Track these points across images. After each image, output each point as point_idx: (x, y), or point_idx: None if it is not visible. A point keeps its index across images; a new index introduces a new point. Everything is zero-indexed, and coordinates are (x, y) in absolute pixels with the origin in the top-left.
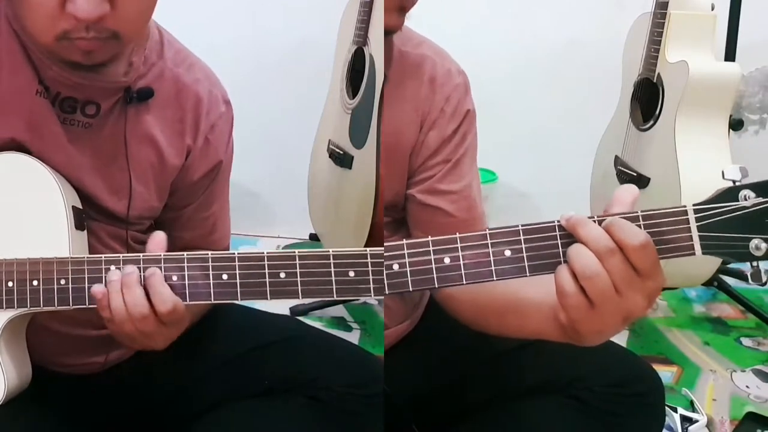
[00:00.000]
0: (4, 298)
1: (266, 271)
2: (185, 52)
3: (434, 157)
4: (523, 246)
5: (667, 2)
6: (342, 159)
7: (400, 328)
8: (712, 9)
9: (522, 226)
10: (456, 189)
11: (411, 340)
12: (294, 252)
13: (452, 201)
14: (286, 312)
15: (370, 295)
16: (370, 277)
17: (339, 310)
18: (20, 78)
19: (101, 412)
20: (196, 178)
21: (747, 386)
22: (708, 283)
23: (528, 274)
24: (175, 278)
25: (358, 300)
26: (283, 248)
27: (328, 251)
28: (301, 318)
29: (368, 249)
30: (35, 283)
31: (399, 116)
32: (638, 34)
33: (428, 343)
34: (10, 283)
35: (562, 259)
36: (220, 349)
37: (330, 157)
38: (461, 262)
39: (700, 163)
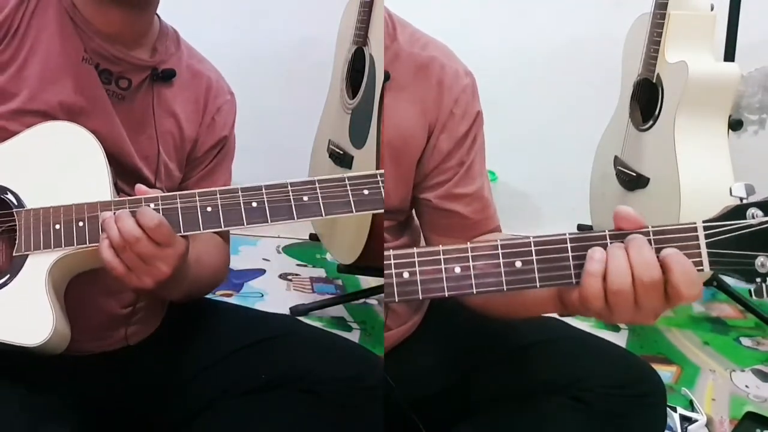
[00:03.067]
0: (52, 238)
1: (291, 195)
2: (195, 50)
3: (448, 160)
4: (534, 258)
5: (667, 2)
6: (342, 159)
7: (402, 329)
8: (712, 9)
9: (533, 238)
10: (470, 191)
11: (414, 341)
12: (314, 178)
13: (467, 203)
14: (286, 312)
15: (382, 209)
16: (382, 193)
17: (339, 310)
18: (69, 46)
19: (97, 403)
20: (201, 152)
21: (746, 386)
22: (707, 283)
23: (538, 286)
24: (209, 209)
25: (357, 300)
26: (283, 248)
27: (344, 175)
28: (301, 318)
29: (378, 171)
30: (81, 224)
31: (406, 120)
32: (638, 35)
33: (431, 344)
34: (57, 226)
35: (572, 272)
36: (218, 347)
37: (330, 157)
38: (472, 272)
39: (699, 163)
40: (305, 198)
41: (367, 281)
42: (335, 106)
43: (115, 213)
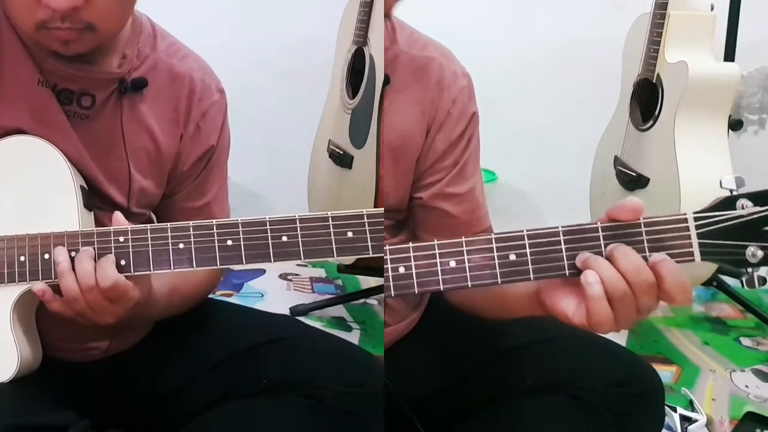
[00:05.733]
0: (16, 271)
1: (269, 234)
2: (178, 44)
3: (442, 160)
4: (528, 251)
5: (667, 2)
6: (342, 159)
7: (400, 326)
8: (712, 9)
9: (527, 231)
10: (461, 192)
11: (412, 338)
12: (294, 216)
13: (457, 203)
14: (286, 312)
15: (369, 254)
16: (368, 236)
17: (339, 310)
18: (22, 69)
19: (96, 403)
20: (187, 165)
21: (746, 386)
22: (707, 283)
23: (532, 278)
24: (181, 246)
25: (357, 300)
26: None
27: (327, 213)
28: (301, 318)
29: (365, 210)
30: (46, 256)
31: (406, 120)
32: (638, 35)
33: (430, 341)
34: (22, 258)
35: (566, 263)
36: (218, 348)
37: (330, 157)
38: (466, 265)
39: (699, 163)
40: (284, 237)
41: (367, 281)
42: (335, 106)
43: (73, 257)
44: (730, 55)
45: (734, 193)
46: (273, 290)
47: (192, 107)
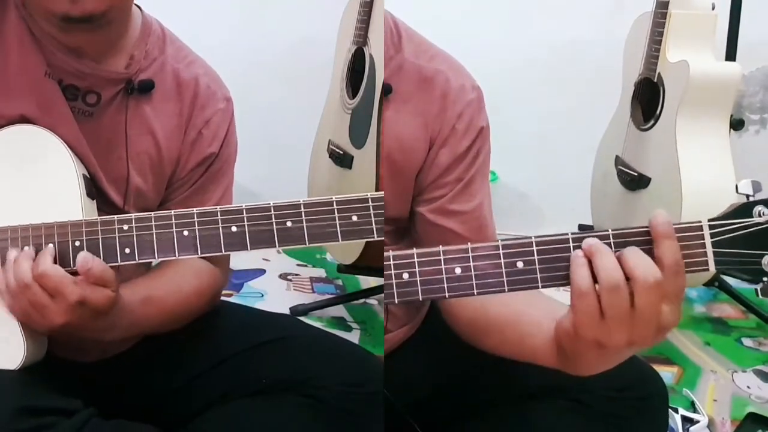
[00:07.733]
0: None
1: (273, 220)
2: (186, 49)
3: (446, 175)
4: (536, 258)
5: (668, 2)
6: (342, 159)
7: (401, 331)
8: (713, 8)
9: (535, 237)
10: (467, 209)
11: (413, 343)
12: (299, 200)
13: (462, 221)
14: (286, 312)
15: (374, 237)
16: (372, 219)
17: (339, 310)
18: (30, 60)
19: (96, 402)
20: (185, 171)
21: (748, 386)
22: (709, 283)
23: (540, 286)
24: (186, 233)
25: (357, 300)
26: (284, 249)
27: (332, 198)
28: (301, 318)
29: (369, 194)
30: (50, 246)
31: (408, 132)
32: (639, 34)
33: (431, 346)
34: (26, 248)
35: None
36: (218, 348)
37: (330, 157)
38: (473, 272)
39: (700, 162)
40: (288, 223)
41: (367, 281)
42: (335, 106)
43: (20, 252)
44: (731, 54)
45: (751, 198)
46: (273, 290)
47: (194, 114)
